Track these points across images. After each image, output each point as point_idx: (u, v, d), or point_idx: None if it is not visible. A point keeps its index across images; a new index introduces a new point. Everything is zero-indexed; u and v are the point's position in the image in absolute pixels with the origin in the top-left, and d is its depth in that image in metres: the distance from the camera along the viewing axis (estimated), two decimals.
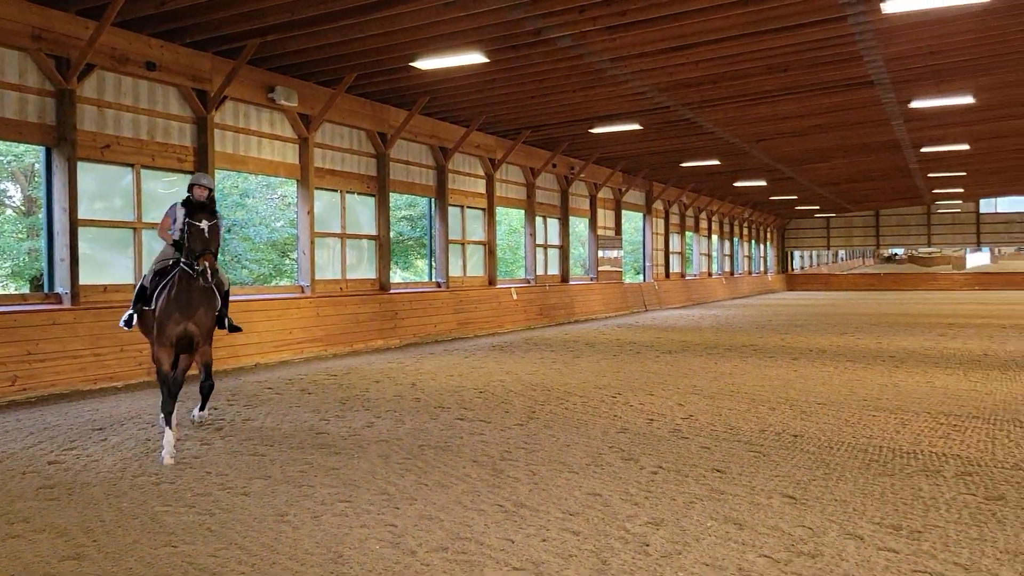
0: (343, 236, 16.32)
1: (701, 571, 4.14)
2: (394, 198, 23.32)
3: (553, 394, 9.91)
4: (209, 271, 6.79)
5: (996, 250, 73.20)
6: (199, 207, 7.08)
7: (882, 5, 10.83)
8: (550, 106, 17.74)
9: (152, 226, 12.19)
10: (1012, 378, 10.86)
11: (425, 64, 13.29)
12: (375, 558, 4.39)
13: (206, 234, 6.88)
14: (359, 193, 16.77)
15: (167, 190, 12.59)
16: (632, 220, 33.18)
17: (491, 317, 19.83)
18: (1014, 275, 50.03)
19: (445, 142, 18.89)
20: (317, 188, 15.49)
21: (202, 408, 8.11)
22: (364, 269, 17.05)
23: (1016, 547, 4.42)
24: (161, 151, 12.44)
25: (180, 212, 7.36)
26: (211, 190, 7.53)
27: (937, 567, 4.15)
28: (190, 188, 7.49)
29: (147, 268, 8.22)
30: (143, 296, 7.48)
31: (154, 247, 12.01)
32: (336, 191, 16.13)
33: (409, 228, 31.45)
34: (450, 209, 19.47)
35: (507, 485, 5.79)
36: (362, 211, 17.04)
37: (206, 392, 7.81)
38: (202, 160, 12.87)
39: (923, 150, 25.42)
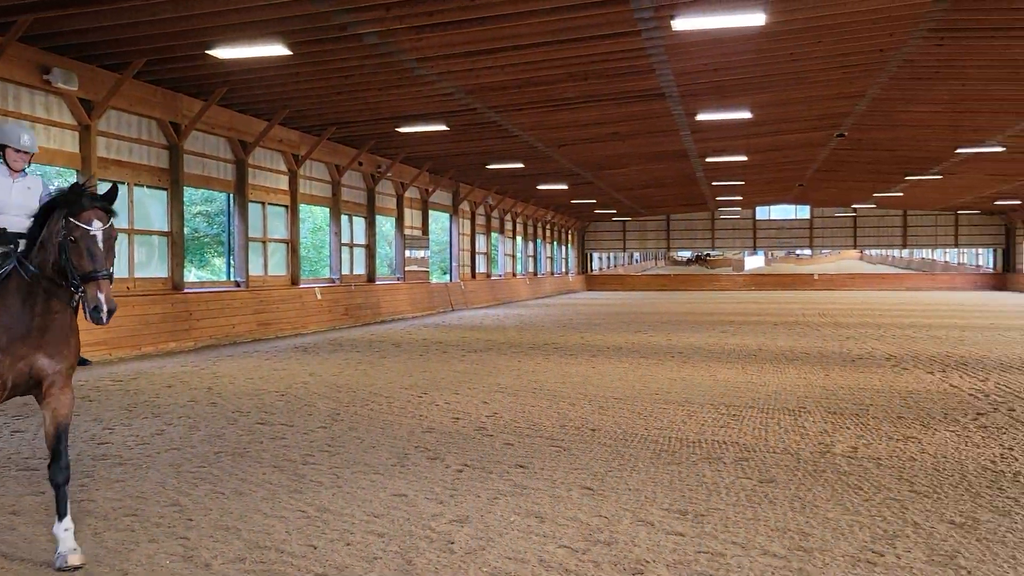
0: (131, 232, 15.28)
1: (504, 565, 4.22)
2: (189, 192, 22.07)
3: (358, 395, 9.76)
4: (106, 309, 4.10)
5: (770, 253, 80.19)
6: (86, 196, 4.25)
7: (672, 22, 11.57)
8: (356, 103, 17.49)
9: None
10: (782, 371, 11.93)
11: (223, 53, 12.67)
12: (165, 574, 4.13)
13: (100, 243, 4.21)
14: (149, 186, 15.74)
15: None
16: (439, 220, 33.39)
17: (294, 318, 19.26)
18: (784, 276, 55.38)
19: (245, 135, 18.12)
20: (101, 179, 14.34)
21: (62, 517, 4.29)
22: (155, 267, 16.03)
23: (785, 524, 4.85)
24: None
25: (7, 183, 4.98)
26: (32, 155, 5.19)
27: (718, 547, 4.47)
28: (2, 149, 5.08)
29: None
30: None
31: None
32: (123, 183, 15.04)
33: (206, 224, 29.93)
34: (251, 205, 18.72)
35: (309, 490, 5.64)
36: (153, 205, 16.01)
37: (61, 482, 4.32)
38: None
39: (707, 160, 27.44)
